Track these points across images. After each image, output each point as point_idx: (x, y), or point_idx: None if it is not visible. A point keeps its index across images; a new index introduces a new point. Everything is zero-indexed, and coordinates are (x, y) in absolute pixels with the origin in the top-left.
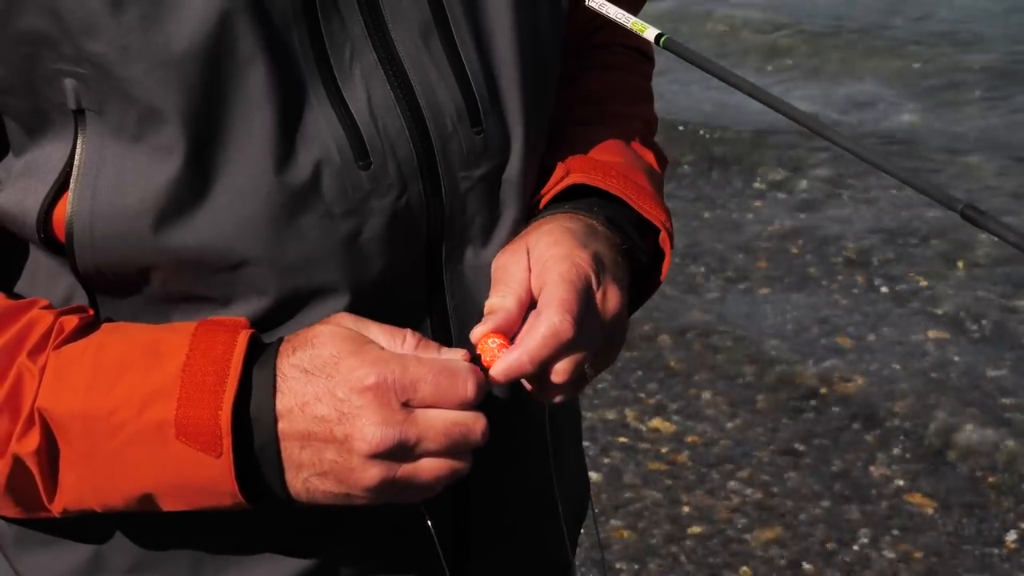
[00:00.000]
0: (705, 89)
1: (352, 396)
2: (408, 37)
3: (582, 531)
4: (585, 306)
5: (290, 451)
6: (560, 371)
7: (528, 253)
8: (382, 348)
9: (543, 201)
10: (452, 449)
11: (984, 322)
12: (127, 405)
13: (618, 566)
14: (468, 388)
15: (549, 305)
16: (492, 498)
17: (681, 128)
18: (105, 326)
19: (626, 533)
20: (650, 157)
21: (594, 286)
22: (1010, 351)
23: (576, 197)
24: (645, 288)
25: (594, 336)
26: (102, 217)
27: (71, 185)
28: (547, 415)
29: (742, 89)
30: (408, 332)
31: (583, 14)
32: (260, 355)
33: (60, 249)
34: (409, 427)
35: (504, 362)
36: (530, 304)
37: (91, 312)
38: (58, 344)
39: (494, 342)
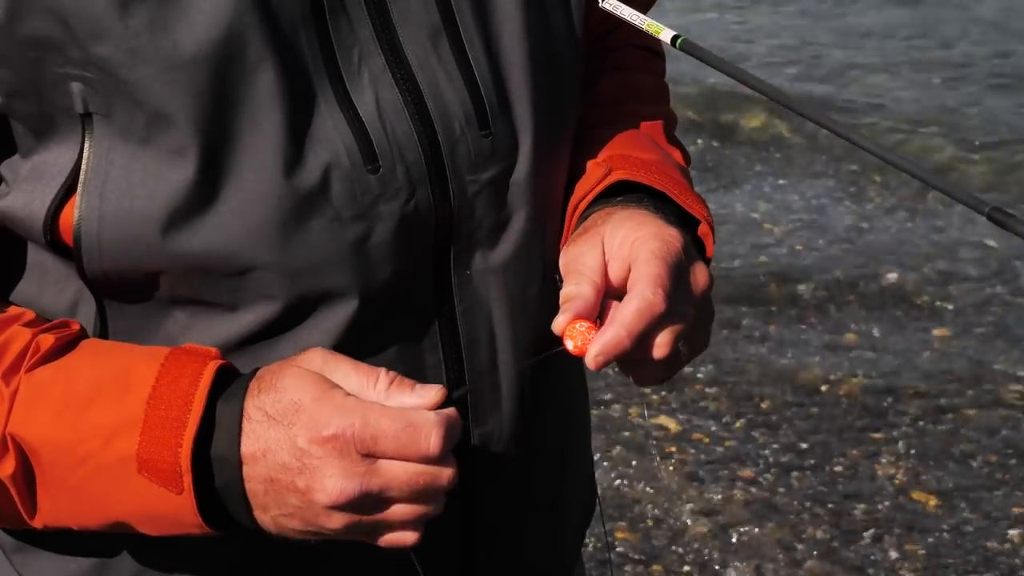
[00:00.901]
0: None
1: (312, 447)
2: (416, 40)
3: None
4: (676, 281)
5: (255, 492)
6: (660, 344)
7: (603, 242)
8: (347, 395)
9: (588, 198)
10: (418, 497)
11: (989, 318)
12: (93, 437)
13: (622, 564)
14: (431, 443)
15: (641, 280)
16: (499, 499)
17: None
18: (82, 346)
19: (629, 532)
20: (677, 154)
21: (685, 262)
22: (1015, 346)
23: (615, 194)
24: None
25: (687, 312)
26: (110, 221)
27: (79, 189)
28: (558, 415)
29: (760, 91)
30: (382, 372)
31: (596, 15)
32: (228, 387)
33: (67, 252)
34: (371, 478)
35: (600, 342)
36: (607, 291)
37: (75, 327)
38: (32, 365)
39: (582, 326)
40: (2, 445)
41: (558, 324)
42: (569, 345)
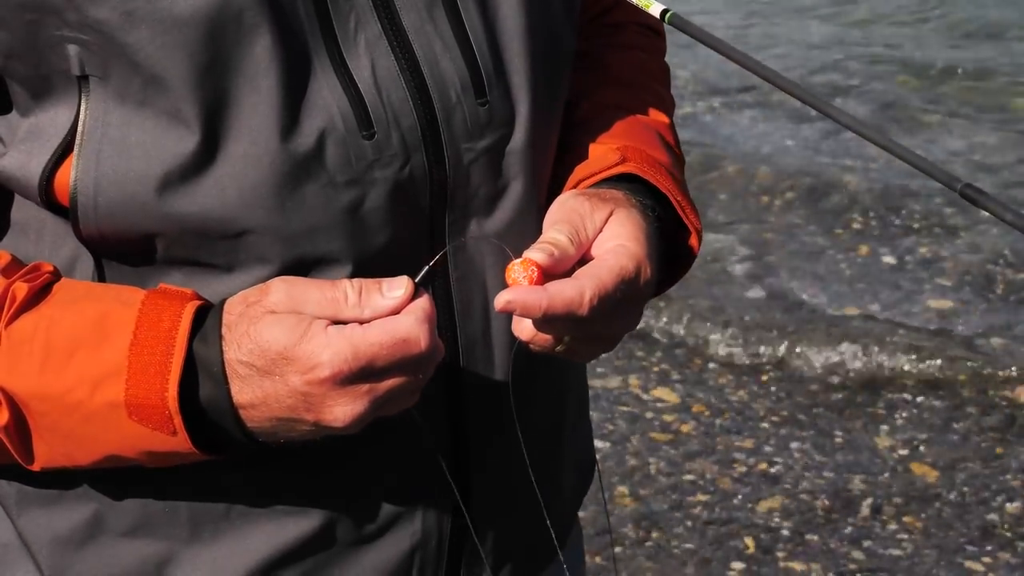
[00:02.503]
0: None
1: (312, 387)
2: (413, 7)
3: (587, 498)
4: (611, 306)
5: (259, 429)
6: (545, 337)
7: (608, 219)
8: (327, 327)
9: (595, 178)
10: (419, 378)
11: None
12: (79, 386)
13: (623, 532)
14: (422, 345)
15: (589, 279)
16: (493, 465)
17: None
18: (57, 293)
19: (630, 501)
20: (677, 149)
21: (630, 299)
22: (1015, 318)
23: (620, 180)
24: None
25: (587, 330)
26: (106, 182)
27: (75, 150)
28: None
29: (749, 68)
30: (346, 283)
31: None
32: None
33: (64, 213)
34: (376, 393)
35: (519, 294)
36: (580, 259)
37: (47, 269)
38: (11, 317)
39: (528, 272)
40: None
41: (529, 253)
42: (508, 275)
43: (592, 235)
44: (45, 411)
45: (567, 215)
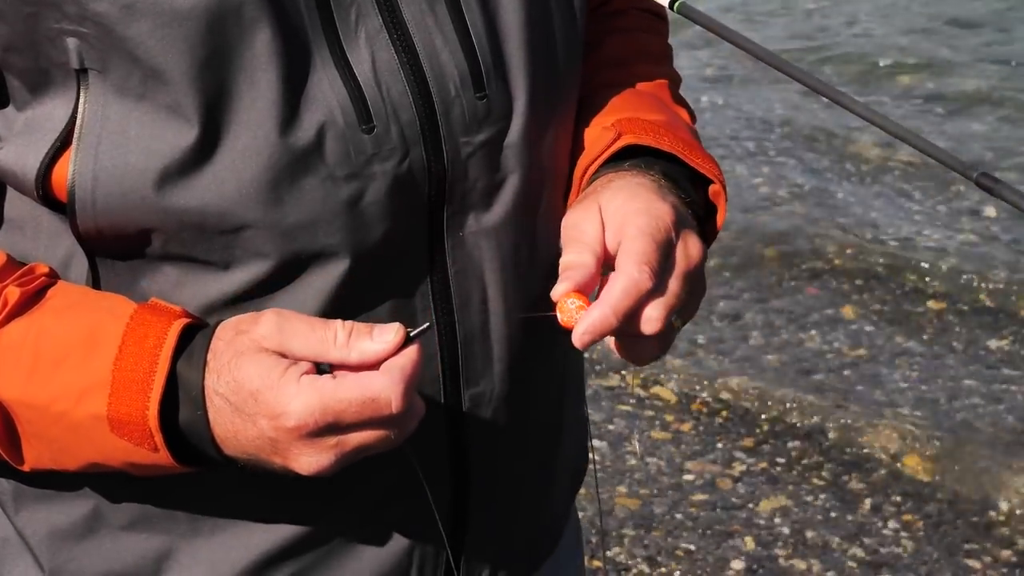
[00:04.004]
0: None
1: (279, 435)
2: (413, 1)
3: (584, 498)
4: (664, 257)
5: (235, 457)
6: (649, 320)
7: (601, 210)
8: (300, 378)
9: (596, 162)
10: (394, 436)
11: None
12: (64, 397)
13: (622, 531)
14: (394, 407)
15: (627, 258)
16: (491, 460)
17: None
18: (50, 300)
19: (629, 500)
20: (684, 113)
21: (674, 238)
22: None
23: (625, 157)
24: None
25: (677, 287)
26: (104, 175)
27: (74, 144)
28: (550, 377)
29: (758, 56)
30: (338, 324)
31: None
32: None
33: (61, 208)
34: (343, 448)
35: (586, 321)
36: (605, 260)
37: (41, 271)
38: (2, 321)
39: (573, 303)
40: None
41: (557, 292)
42: (561, 317)
43: (596, 234)
44: (31, 418)
45: (564, 238)
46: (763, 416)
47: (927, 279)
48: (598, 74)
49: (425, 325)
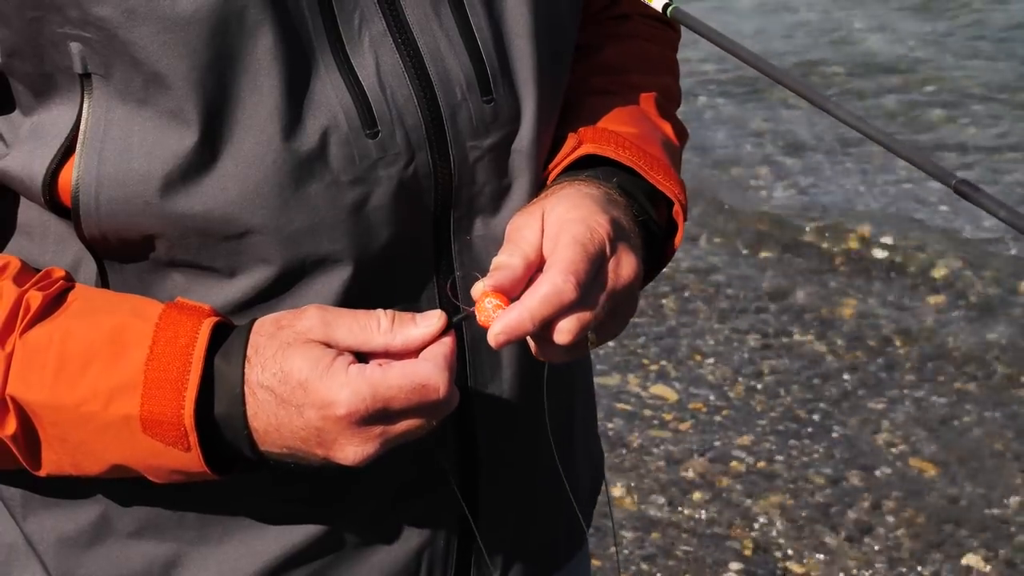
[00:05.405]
0: None
1: (326, 424)
2: (418, 4)
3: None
4: (594, 270)
5: (270, 451)
6: (562, 331)
7: (543, 217)
8: (349, 366)
9: (556, 171)
10: (429, 421)
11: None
12: (93, 399)
13: (621, 531)
14: (440, 393)
15: (555, 265)
16: (502, 466)
17: None
18: (72, 303)
19: (629, 500)
20: (667, 128)
21: (608, 252)
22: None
23: (588, 167)
24: (657, 260)
25: (599, 302)
26: (108, 181)
27: (77, 149)
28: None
29: (751, 63)
30: (380, 314)
31: None
32: (224, 340)
33: (67, 213)
34: (387, 436)
35: (503, 322)
36: (539, 267)
37: (59, 275)
38: (25, 326)
39: (491, 302)
40: (2, 406)
41: (476, 289)
42: (479, 316)
43: (534, 239)
44: (56, 421)
45: (505, 239)
46: (763, 415)
47: (930, 276)
48: (589, 79)
49: (463, 314)
